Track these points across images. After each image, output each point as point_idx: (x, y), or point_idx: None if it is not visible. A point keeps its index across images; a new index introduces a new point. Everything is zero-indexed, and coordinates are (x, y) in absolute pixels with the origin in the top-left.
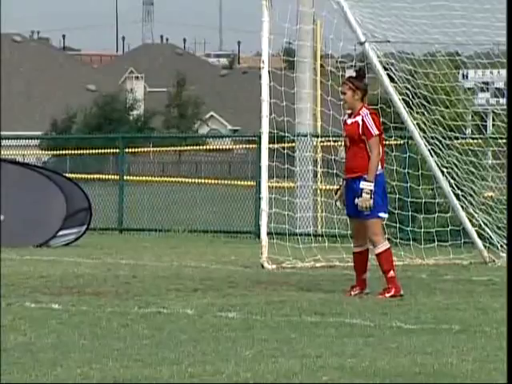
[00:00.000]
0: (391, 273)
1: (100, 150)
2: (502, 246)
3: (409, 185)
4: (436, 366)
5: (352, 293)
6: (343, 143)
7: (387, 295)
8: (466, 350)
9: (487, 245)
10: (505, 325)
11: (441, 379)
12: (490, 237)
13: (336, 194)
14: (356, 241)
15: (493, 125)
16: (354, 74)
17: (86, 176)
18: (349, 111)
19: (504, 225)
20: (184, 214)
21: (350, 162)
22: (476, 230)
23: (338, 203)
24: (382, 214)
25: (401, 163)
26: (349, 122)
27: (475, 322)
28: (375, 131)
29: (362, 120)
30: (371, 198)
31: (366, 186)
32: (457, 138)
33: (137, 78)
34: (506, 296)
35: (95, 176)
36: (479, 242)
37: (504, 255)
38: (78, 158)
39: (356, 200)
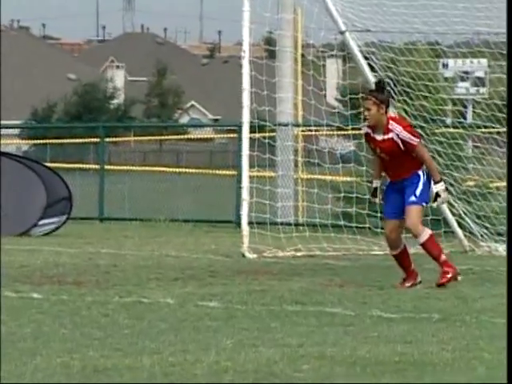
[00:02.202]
0: (442, 257)
1: (80, 140)
2: (481, 235)
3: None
4: (416, 354)
5: (406, 284)
6: (374, 154)
7: (445, 279)
8: (446, 339)
9: (467, 234)
10: (484, 313)
11: (421, 368)
12: (470, 226)
13: (373, 195)
14: (391, 243)
15: (473, 113)
16: (373, 87)
17: (66, 165)
18: (371, 125)
19: (485, 213)
20: (165, 203)
21: (395, 170)
22: (456, 220)
23: (377, 199)
24: (424, 204)
25: None
26: (379, 138)
27: (455, 311)
28: (416, 140)
29: (398, 137)
30: (447, 195)
31: (439, 187)
32: (439, 126)
33: (117, 67)
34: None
35: (76, 165)
36: (459, 232)
37: (484, 244)
38: (59, 147)
39: (434, 203)
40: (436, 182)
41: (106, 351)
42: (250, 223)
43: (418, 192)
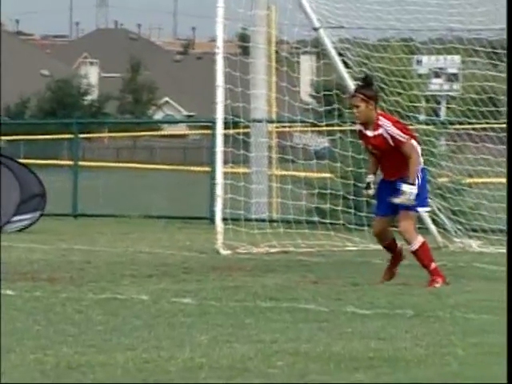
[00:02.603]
0: (432, 265)
1: (54, 136)
2: (455, 231)
3: (364, 170)
4: (390, 350)
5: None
6: (367, 151)
7: (437, 285)
8: (420, 335)
9: (441, 230)
10: (458, 309)
11: (394, 364)
12: (444, 222)
13: (367, 188)
14: (380, 239)
15: (447, 108)
16: (361, 84)
17: (39, 161)
18: (361, 122)
19: (460, 208)
20: (139, 199)
21: (389, 168)
22: (430, 216)
23: (370, 191)
24: (419, 209)
25: (356, 149)
26: (370, 134)
27: (429, 307)
28: (405, 137)
29: (388, 133)
30: (412, 199)
31: (409, 189)
32: (413, 123)
33: (91, 63)
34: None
35: (49, 161)
36: (433, 228)
37: (457, 240)
38: (32, 144)
39: (395, 199)
40: (409, 184)
41: (80, 348)
42: (224, 219)
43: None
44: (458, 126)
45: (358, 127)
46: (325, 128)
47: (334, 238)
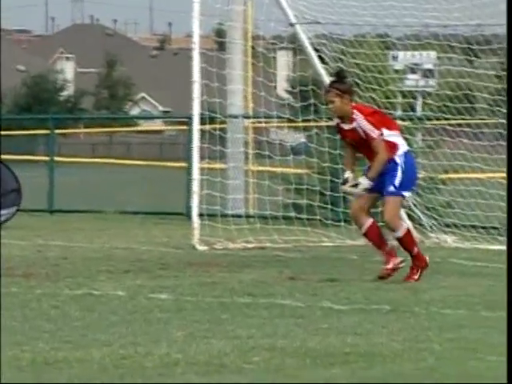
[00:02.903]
0: (415, 250)
1: (30, 131)
2: (430, 226)
3: (341, 166)
4: (366, 346)
5: (388, 267)
6: (345, 143)
7: (416, 276)
8: (396, 331)
9: (416, 226)
10: (434, 305)
11: (371, 359)
12: (420, 218)
13: (344, 184)
14: (358, 221)
15: (423, 104)
16: (334, 78)
17: (15, 157)
18: (337, 117)
19: (433, 205)
20: (115, 195)
21: (371, 154)
22: (405, 211)
23: (348, 188)
24: (405, 193)
25: (333, 144)
26: (346, 127)
27: (405, 303)
28: (375, 133)
29: (360, 127)
30: (360, 192)
31: (365, 183)
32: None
33: (67, 58)
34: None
35: (25, 157)
36: (409, 223)
37: (433, 235)
38: (8, 139)
39: (343, 187)
40: (367, 178)
41: (56, 344)
42: (201, 215)
43: (396, 181)
44: (434, 122)
45: (335, 121)
46: (301, 124)
47: (310, 234)
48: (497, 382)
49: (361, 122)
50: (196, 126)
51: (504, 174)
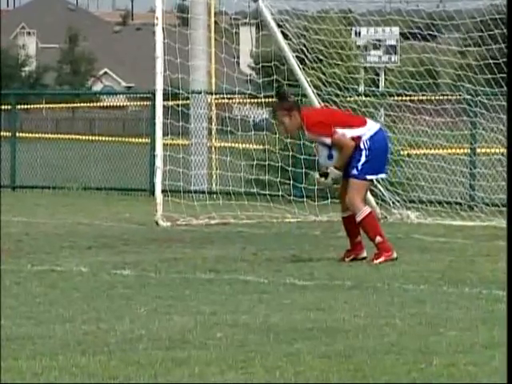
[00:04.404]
0: (378, 238)
1: None
2: (393, 202)
3: (302, 142)
4: (329, 321)
5: (346, 259)
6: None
7: (376, 261)
8: (358, 306)
9: (379, 202)
10: (396, 280)
11: (333, 334)
12: (383, 194)
13: (323, 177)
14: (343, 204)
15: (386, 80)
16: (276, 99)
17: None
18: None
19: (398, 180)
20: (78, 171)
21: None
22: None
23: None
24: (369, 177)
25: None
26: (307, 135)
27: (367, 278)
28: (327, 136)
29: (313, 138)
30: (333, 184)
31: (334, 172)
32: (352, 95)
33: (28, 33)
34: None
35: None
36: (372, 199)
37: (396, 212)
38: None
39: (315, 174)
40: (335, 168)
41: (18, 319)
42: (164, 191)
43: (359, 165)
44: (396, 98)
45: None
46: (263, 99)
47: (273, 210)
48: (456, 357)
49: (310, 135)
50: (159, 101)
51: (465, 150)
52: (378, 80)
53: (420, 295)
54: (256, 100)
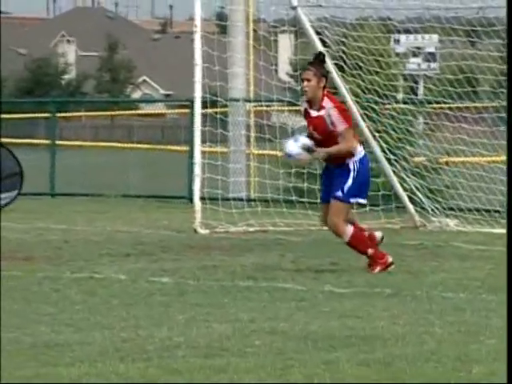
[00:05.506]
0: (369, 251)
1: (31, 115)
2: (432, 210)
3: None
4: (367, 329)
5: (375, 269)
6: (308, 134)
7: (375, 271)
8: (397, 314)
9: (418, 209)
10: (435, 288)
11: (372, 342)
12: (422, 201)
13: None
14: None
15: (424, 88)
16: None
17: (17, 140)
18: (307, 99)
19: (437, 187)
20: (117, 178)
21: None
22: (407, 195)
23: None
24: (352, 200)
25: None
26: (313, 114)
27: (406, 286)
28: (343, 124)
29: (328, 115)
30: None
31: (320, 155)
32: (391, 102)
33: (68, 41)
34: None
35: (26, 141)
36: (411, 207)
37: (435, 219)
38: (9, 123)
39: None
40: (325, 153)
41: (57, 327)
42: (202, 199)
43: (345, 187)
44: (435, 106)
45: (304, 105)
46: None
47: (311, 217)
48: (495, 365)
49: (331, 110)
50: (198, 109)
51: (503, 158)
52: (417, 88)
53: (459, 303)
54: (294, 107)
